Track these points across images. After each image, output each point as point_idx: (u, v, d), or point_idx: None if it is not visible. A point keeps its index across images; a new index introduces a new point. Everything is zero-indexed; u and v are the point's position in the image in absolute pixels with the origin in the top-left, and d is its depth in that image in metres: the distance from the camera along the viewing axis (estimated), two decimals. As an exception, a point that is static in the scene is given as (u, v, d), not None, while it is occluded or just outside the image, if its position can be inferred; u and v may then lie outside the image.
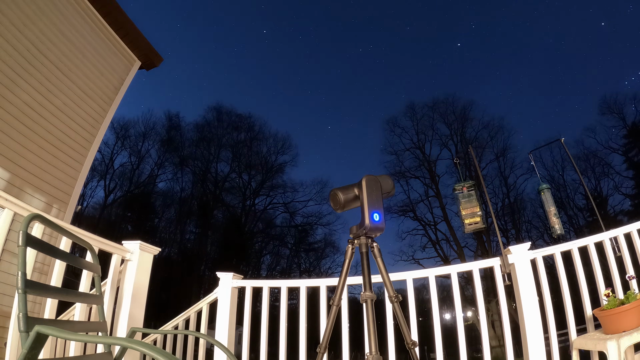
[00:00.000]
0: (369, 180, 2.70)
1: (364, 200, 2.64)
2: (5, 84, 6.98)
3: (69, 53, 8.43)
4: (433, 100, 45.05)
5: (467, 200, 10.76)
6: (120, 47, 9.88)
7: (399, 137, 43.99)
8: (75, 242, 2.88)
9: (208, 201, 44.77)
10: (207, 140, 46.45)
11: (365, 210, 2.61)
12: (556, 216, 10.23)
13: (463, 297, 26.48)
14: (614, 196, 38.97)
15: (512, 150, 41.92)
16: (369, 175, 2.72)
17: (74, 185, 8.46)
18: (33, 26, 7.58)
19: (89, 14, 8.97)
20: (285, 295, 5.28)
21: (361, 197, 2.67)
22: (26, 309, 1.83)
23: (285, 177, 47.85)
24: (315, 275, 41.96)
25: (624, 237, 4.74)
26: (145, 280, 4.37)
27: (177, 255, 41.76)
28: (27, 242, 2.01)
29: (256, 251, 45.37)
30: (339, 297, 2.75)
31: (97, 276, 2.81)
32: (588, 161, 39.65)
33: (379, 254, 2.74)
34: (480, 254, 37.25)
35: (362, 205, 2.64)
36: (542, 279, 4.65)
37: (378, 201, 2.66)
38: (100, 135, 9.22)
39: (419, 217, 41.25)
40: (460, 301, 4.77)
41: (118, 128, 41.95)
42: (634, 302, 3.24)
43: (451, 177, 40.73)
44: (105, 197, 40.37)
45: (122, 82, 9.95)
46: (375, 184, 2.71)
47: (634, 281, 4.16)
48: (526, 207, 40.21)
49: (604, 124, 39.90)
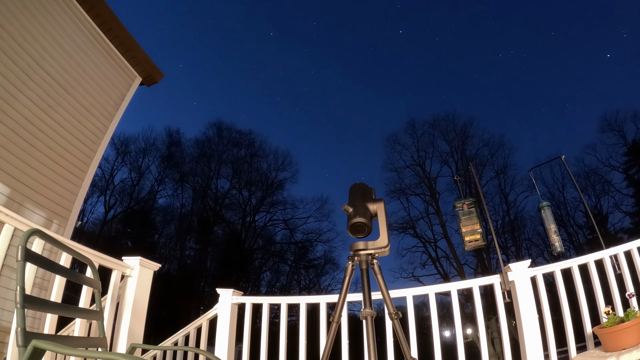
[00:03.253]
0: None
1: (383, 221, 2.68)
2: (6, 98, 7.00)
3: (70, 69, 8.46)
4: (433, 117, 45.06)
5: (468, 217, 10.78)
6: (121, 63, 9.92)
7: (399, 154, 43.95)
8: (76, 258, 2.88)
9: (208, 217, 44.68)
10: (208, 157, 46.45)
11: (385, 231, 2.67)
12: (556, 234, 10.23)
13: (463, 315, 26.38)
14: (614, 214, 38.91)
15: (513, 167, 41.89)
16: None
17: (74, 200, 8.46)
18: (34, 41, 7.61)
19: (91, 30, 9.01)
20: (285, 312, 5.27)
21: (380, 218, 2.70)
22: (24, 323, 1.84)
23: (286, 194, 47.77)
24: (315, 292, 41.79)
25: (624, 254, 4.74)
26: (145, 296, 4.36)
27: (177, 271, 41.62)
28: (27, 257, 2.02)
29: (256, 268, 45.24)
30: (338, 314, 2.74)
31: (97, 292, 2.81)
32: (588, 179, 39.65)
33: (379, 271, 2.74)
34: (480, 271, 37.15)
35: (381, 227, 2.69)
36: (542, 296, 4.64)
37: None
38: (101, 151, 9.24)
39: (419, 234, 41.14)
40: (460, 318, 4.76)
41: (118, 144, 41.95)
42: (633, 320, 3.24)
43: (451, 194, 40.67)
44: (106, 212, 40.32)
45: (123, 98, 9.98)
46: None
47: (634, 299, 4.16)
48: (526, 225, 40.12)
49: (605, 142, 39.89)
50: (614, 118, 39.82)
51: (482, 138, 43.17)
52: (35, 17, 7.68)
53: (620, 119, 39.53)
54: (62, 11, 8.31)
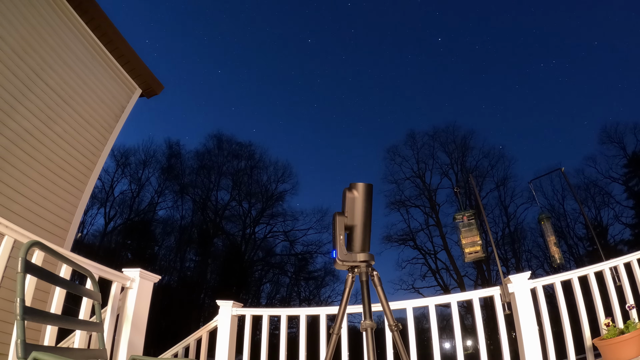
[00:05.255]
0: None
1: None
2: (6, 110, 7.01)
3: (70, 80, 8.47)
4: (433, 129, 45.18)
5: (468, 229, 10.75)
6: (121, 74, 9.94)
7: (399, 165, 44.01)
8: (76, 270, 2.89)
9: (208, 229, 44.60)
10: (208, 168, 46.41)
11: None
12: (556, 245, 10.24)
13: (463, 326, 26.32)
14: (614, 226, 38.82)
15: (513, 179, 41.93)
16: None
17: (74, 212, 8.46)
18: (34, 53, 7.62)
19: (91, 42, 9.03)
20: (285, 324, 5.27)
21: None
22: (24, 335, 1.84)
23: (286, 206, 47.69)
24: (315, 303, 41.67)
25: (623, 266, 4.75)
26: (145, 308, 4.36)
27: (177, 283, 41.48)
28: (27, 269, 2.02)
29: (256, 279, 45.12)
30: (338, 326, 2.74)
31: (98, 303, 2.81)
32: (588, 190, 39.63)
33: (379, 283, 2.74)
34: (480, 283, 37.12)
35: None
36: (542, 308, 4.64)
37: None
38: (101, 162, 9.24)
39: (419, 246, 41.17)
40: (460, 330, 4.76)
41: (118, 155, 41.92)
42: (633, 332, 3.24)
43: (451, 206, 40.72)
44: (106, 224, 40.24)
45: (123, 110, 10.00)
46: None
47: (634, 311, 4.16)
48: (526, 237, 40.08)
49: (604, 153, 39.89)
50: (614, 130, 39.90)
51: (482, 150, 43.30)
52: (35, 28, 7.70)
53: (620, 131, 39.60)
54: (62, 23, 8.33)
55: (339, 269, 2.75)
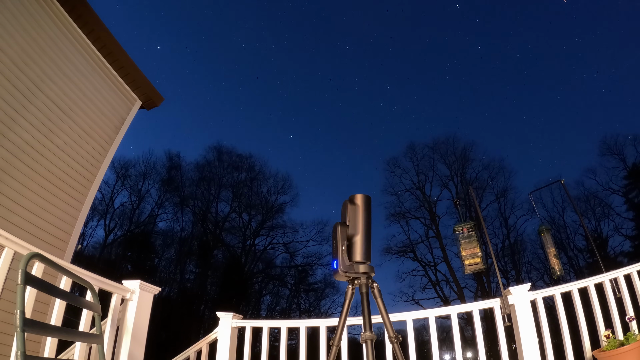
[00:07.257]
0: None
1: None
2: (6, 122, 7.02)
3: (70, 92, 8.49)
4: (433, 141, 45.21)
5: (468, 241, 10.74)
6: (121, 86, 9.96)
7: (399, 177, 44.03)
8: (76, 281, 2.89)
9: (208, 241, 44.54)
10: (208, 180, 46.40)
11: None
12: (556, 257, 10.22)
13: (463, 338, 26.24)
14: (614, 237, 38.73)
15: (513, 191, 41.90)
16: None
17: (74, 224, 8.46)
18: (34, 65, 7.65)
19: (90, 54, 9.06)
20: (285, 336, 5.27)
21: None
22: (24, 347, 1.84)
23: (286, 217, 47.62)
24: (315, 315, 41.58)
25: (624, 278, 4.75)
26: (145, 320, 4.36)
27: (177, 295, 41.40)
28: (27, 281, 2.03)
29: (256, 291, 45.04)
30: (338, 338, 2.74)
31: (98, 315, 2.81)
32: (588, 202, 39.58)
33: (379, 295, 2.75)
34: (480, 294, 37.03)
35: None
36: (542, 319, 4.64)
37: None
38: (101, 174, 9.25)
39: (419, 258, 41.11)
40: (460, 342, 4.76)
41: (118, 167, 41.94)
42: (634, 344, 3.24)
43: (451, 217, 40.73)
44: (105, 236, 40.18)
45: (123, 122, 10.01)
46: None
47: (634, 322, 4.16)
48: (526, 248, 40.00)
49: (604, 165, 39.88)
50: (614, 141, 39.92)
51: (482, 161, 43.31)
52: (36, 40, 7.73)
53: (620, 143, 39.61)
54: (62, 35, 8.36)
55: (339, 280, 2.75)
